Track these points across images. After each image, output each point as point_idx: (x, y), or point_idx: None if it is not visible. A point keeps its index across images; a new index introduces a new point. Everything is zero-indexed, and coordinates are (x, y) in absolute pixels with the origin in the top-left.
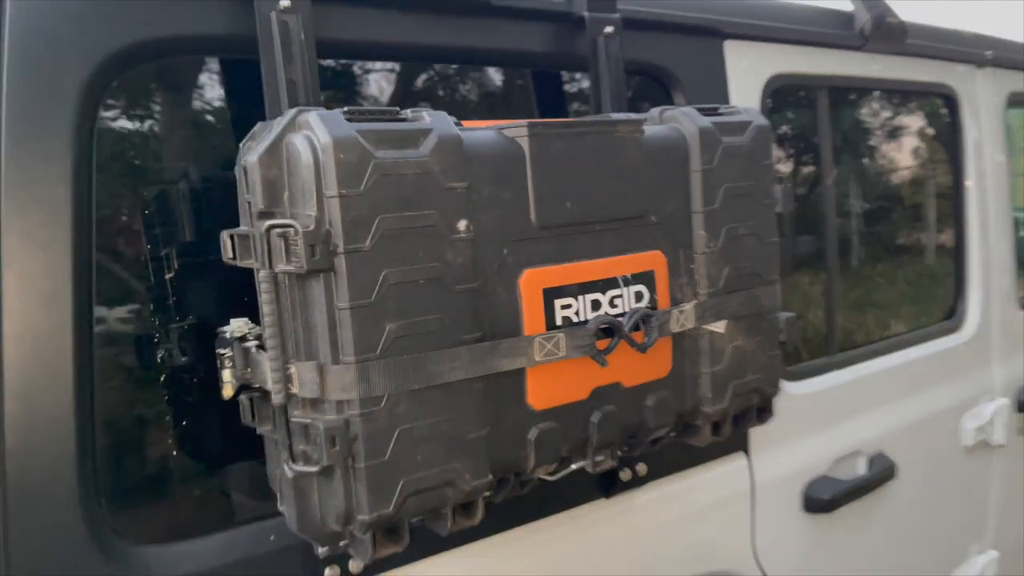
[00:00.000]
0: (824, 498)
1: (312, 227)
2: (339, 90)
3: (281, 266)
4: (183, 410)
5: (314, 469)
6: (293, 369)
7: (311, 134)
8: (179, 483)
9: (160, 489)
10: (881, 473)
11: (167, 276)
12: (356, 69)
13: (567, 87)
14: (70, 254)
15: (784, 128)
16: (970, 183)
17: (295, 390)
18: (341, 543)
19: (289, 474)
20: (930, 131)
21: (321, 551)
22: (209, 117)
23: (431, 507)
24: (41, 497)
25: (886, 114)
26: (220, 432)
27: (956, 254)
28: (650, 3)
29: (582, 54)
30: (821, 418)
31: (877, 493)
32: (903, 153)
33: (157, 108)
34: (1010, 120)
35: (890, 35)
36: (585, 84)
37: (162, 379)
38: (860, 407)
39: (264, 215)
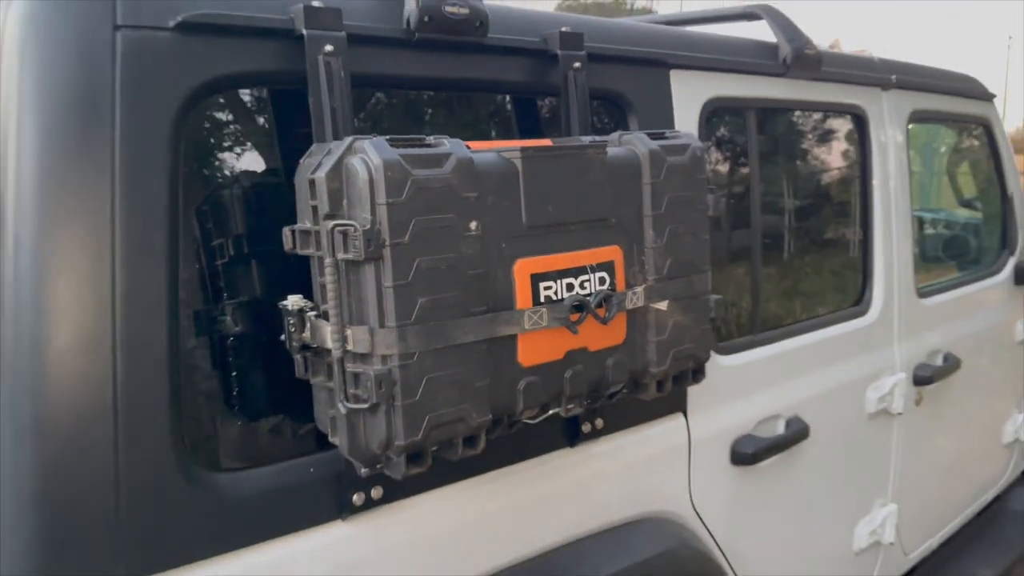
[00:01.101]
0: (748, 452)
1: (368, 226)
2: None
3: (341, 255)
4: (245, 370)
5: (364, 406)
6: (349, 332)
7: (366, 157)
8: (242, 426)
9: (228, 431)
10: (796, 433)
11: (233, 260)
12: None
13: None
14: (165, 242)
15: (718, 142)
16: (876, 189)
17: (350, 347)
18: (378, 466)
19: (343, 411)
20: (842, 144)
21: (363, 471)
22: (261, 134)
23: (447, 437)
24: (142, 435)
25: (805, 130)
26: (273, 388)
27: (863, 249)
28: (610, 40)
29: (555, 84)
30: (747, 386)
31: (793, 450)
32: (819, 163)
33: (222, 127)
34: (928, 131)
35: (808, 64)
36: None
37: (228, 345)
38: (780, 377)
39: (328, 216)
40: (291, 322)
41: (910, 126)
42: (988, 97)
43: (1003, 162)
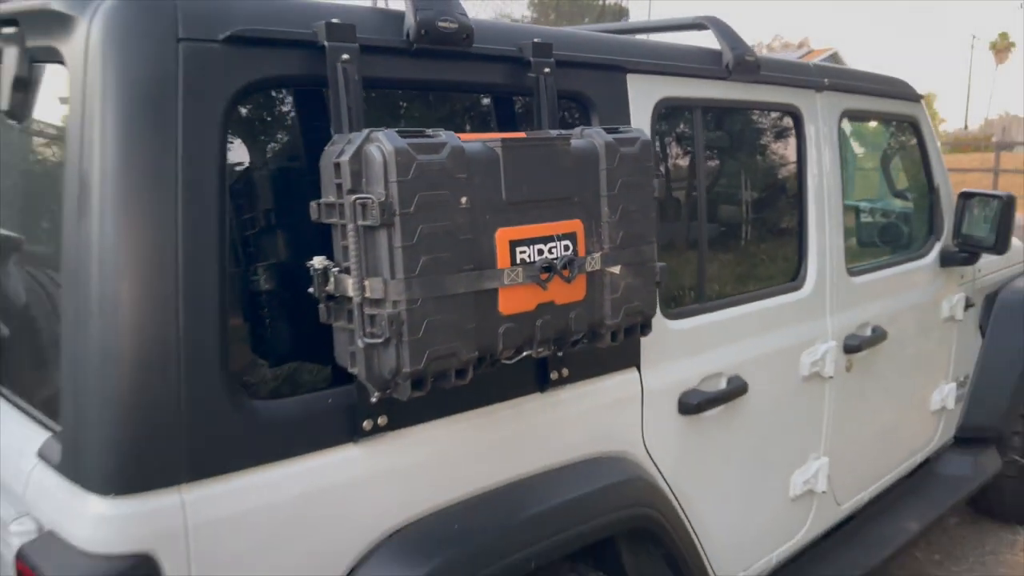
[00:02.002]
0: (693, 403)
1: (382, 199)
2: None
3: (361, 221)
4: (277, 319)
5: (379, 341)
6: (366, 283)
7: (381, 145)
8: (275, 363)
9: (264, 367)
10: (736, 389)
11: (263, 229)
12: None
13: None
14: (216, 212)
15: (670, 137)
16: (810, 179)
17: (367, 295)
18: (388, 390)
19: (362, 346)
20: (780, 140)
21: (376, 395)
22: (289, 126)
23: (442, 368)
24: (199, 369)
25: (746, 126)
26: (300, 335)
27: (799, 232)
28: (575, 48)
29: (528, 86)
30: (694, 347)
31: (733, 404)
32: (760, 156)
33: (259, 120)
34: (869, 129)
35: (748, 68)
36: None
37: (262, 298)
38: (723, 341)
39: (351, 192)
40: (318, 277)
41: (843, 124)
42: (916, 98)
43: (930, 157)
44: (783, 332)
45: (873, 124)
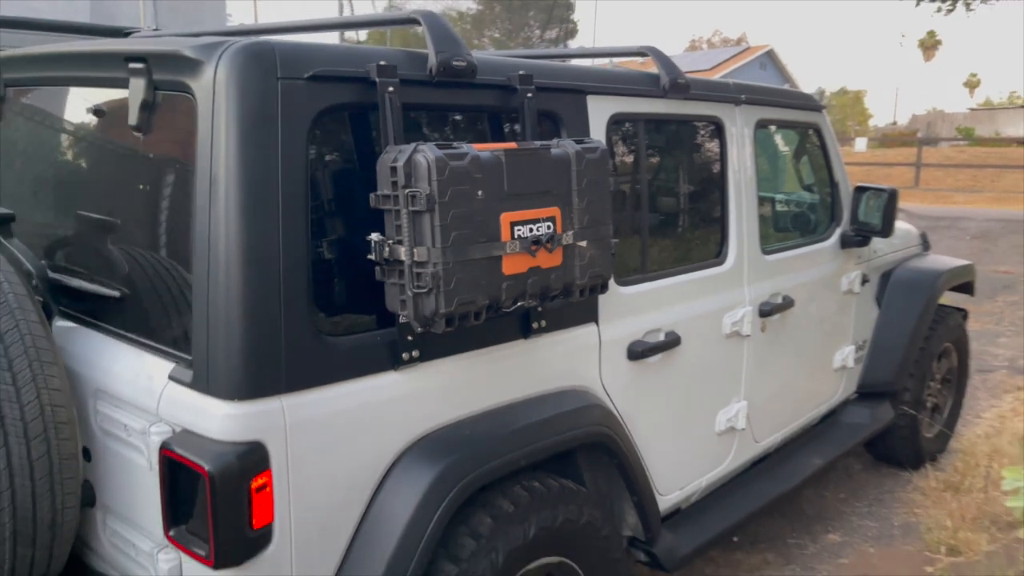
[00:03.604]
0: (638, 351)
1: (427, 192)
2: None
3: (412, 208)
4: (344, 278)
5: (423, 291)
6: (415, 250)
7: (425, 154)
8: (345, 310)
9: (338, 313)
10: (672, 341)
11: (332, 213)
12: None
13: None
14: (304, 198)
15: (620, 144)
16: (731, 176)
17: (415, 259)
18: (428, 326)
19: (411, 295)
20: (707, 144)
21: (418, 330)
22: (349, 140)
23: (465, 311)
24: (293, 313)
25: (680, 135)
26: (360, 290)
27: (722, 219)
28: (550, 77)
29: (516, 107)
30: (639, 307)
31: (669, 353)
32: (691, 158)
33: (330, 134)
34: (785, 135)
35: (680, 89)
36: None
37: (333, 263)
38: (662, 303)
39: (404, 187)
40: (376, 247)
41: (758, 130)
42: (819, 108)
43: (831, 157)
44: (709, 298)
45: (785, 130)
